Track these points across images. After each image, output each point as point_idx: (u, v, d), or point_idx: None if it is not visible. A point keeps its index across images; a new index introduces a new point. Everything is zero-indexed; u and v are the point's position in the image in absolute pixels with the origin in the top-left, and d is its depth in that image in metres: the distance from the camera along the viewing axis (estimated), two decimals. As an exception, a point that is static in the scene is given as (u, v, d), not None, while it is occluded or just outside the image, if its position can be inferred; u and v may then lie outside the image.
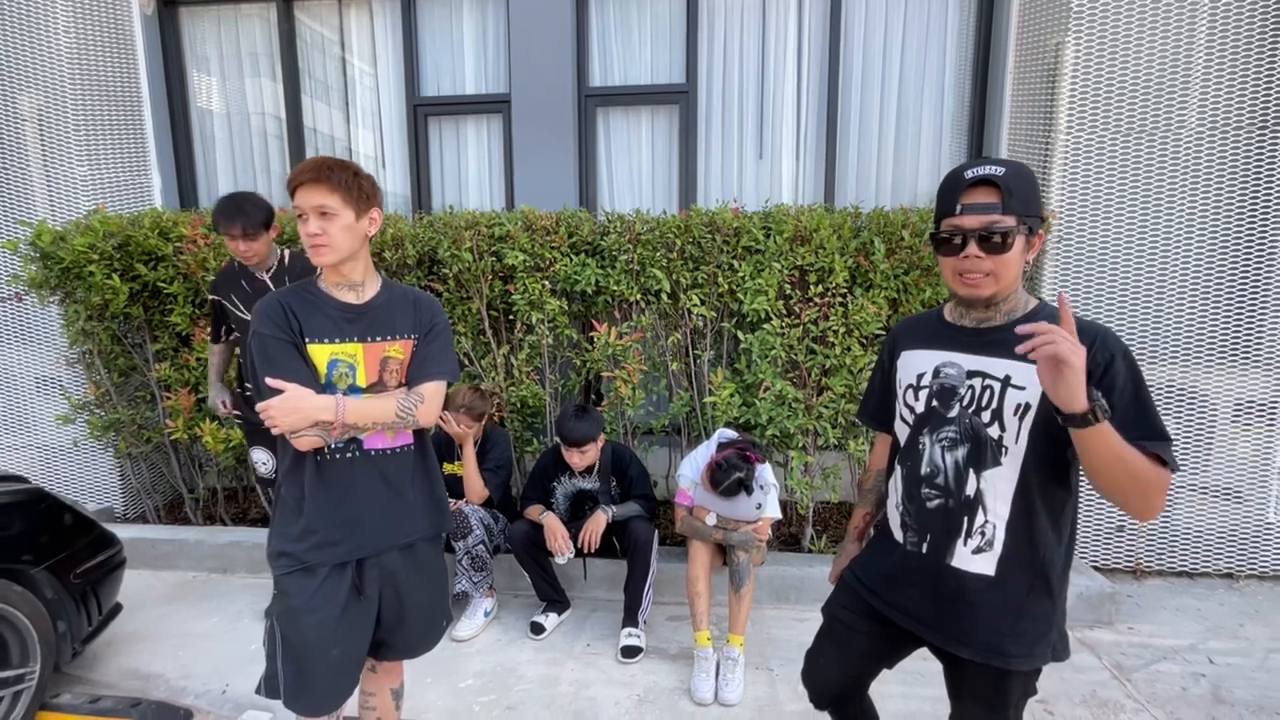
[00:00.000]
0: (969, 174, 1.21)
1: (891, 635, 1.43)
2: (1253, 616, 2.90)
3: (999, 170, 1.18)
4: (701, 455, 2.69)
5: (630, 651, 2.57)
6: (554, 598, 2.86)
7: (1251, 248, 3.03)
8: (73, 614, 2.24)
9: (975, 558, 1.27)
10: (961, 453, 1.27)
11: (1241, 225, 3.03)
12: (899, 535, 1.40)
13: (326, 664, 1.49)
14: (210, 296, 2.72)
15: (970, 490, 1.26)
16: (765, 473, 2.62)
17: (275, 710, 2.23)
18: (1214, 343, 3.09)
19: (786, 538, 3.35)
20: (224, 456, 3.21)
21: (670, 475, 3.44)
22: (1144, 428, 1.13)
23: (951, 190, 1.23)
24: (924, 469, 1.33)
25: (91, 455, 3.69)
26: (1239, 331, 3.07)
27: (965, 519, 1.27)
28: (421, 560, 1.63)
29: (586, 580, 3.02)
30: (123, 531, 3.01)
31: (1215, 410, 3.13)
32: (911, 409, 1.36)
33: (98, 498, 3.77)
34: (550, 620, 2.79)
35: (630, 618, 2.67)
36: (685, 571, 2.57)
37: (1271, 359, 3.06)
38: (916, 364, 1.37)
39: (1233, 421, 3.13)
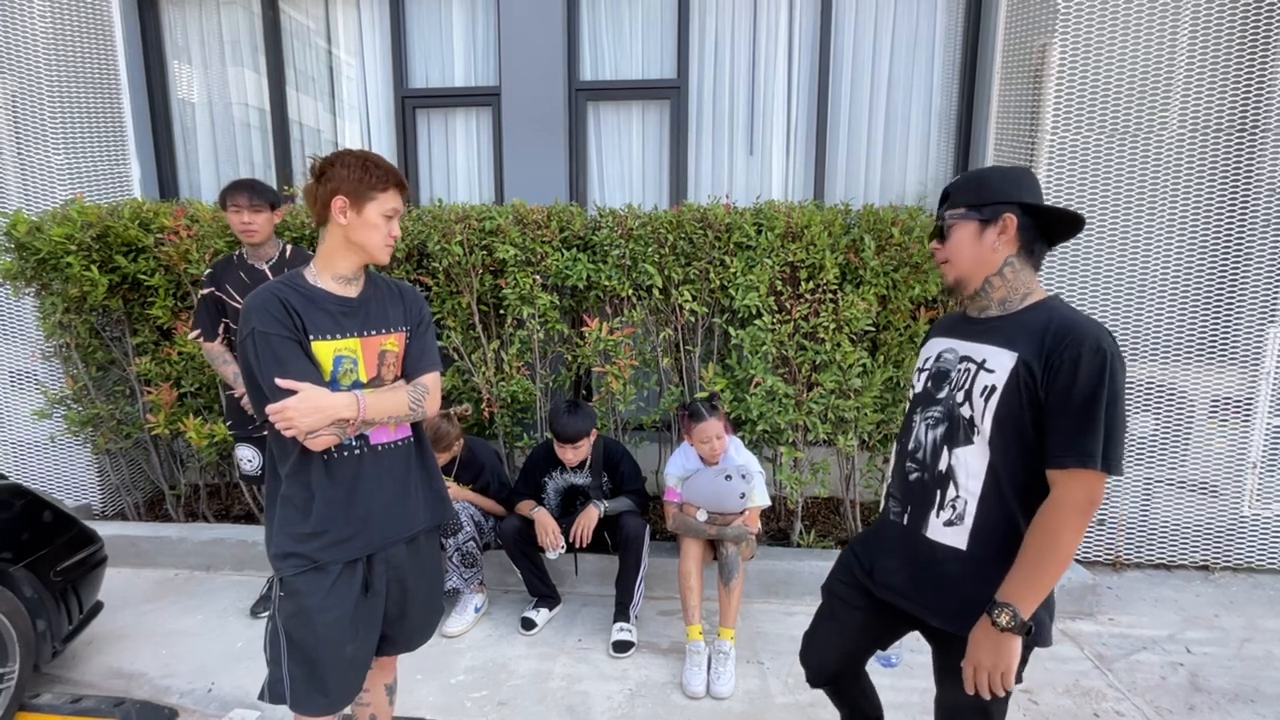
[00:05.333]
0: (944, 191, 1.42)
1: (885, 612, 1.48)
2: (1228, 607, 2.98)
3: (957, 179, 1.40)
4: (684, 453, 2.70)
5: (622, 646, 2.57)
6: (545, 593, 2.85)
7: (1230, 248, 3.11)
8: (53, 612, 2.19)
9: (947, 530, 1.33)
10: (940, 430, 1.36)
11: (1220, 226, 3.11)
12: (887, 506, 1.49)
13: (342, 662, 1.48)
14: (204, 291, 2.63)
15: (943, 465, 1.34)
16: (750, 462, 2.64)
17: (263, 709, 2.20)
18: (1192, 340, 3.16)
19: (775, 532, 3.38)
20: (207, 452, 3.15)
21: (661, 470, 3.44)
22: (1074, 450, 1.15)
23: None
24: (910, 445, 1.42)
25: (68, 451, 3.61)
26: (1216, 330, 3.15)
27: (938, 492, 1.34)
28: (422, 553, 1.63)
29: (577, 575, 3.02)
30: (102, 529, 2.96)
31: (1193, 406, 3.20)
32: (913, 389, 1.47)
33: (75, 494, 3.68)
34: (541, 616, 2.78)
35: (622, 612, 2.68)
36: (676, 566, 2.58)
37: (1247, 357, 3.14)
38: (929, 350, 1.48)
39: (1209, 417, 3.21)
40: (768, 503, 2.65)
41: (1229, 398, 3.17)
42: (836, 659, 1.60)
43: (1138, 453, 3.26)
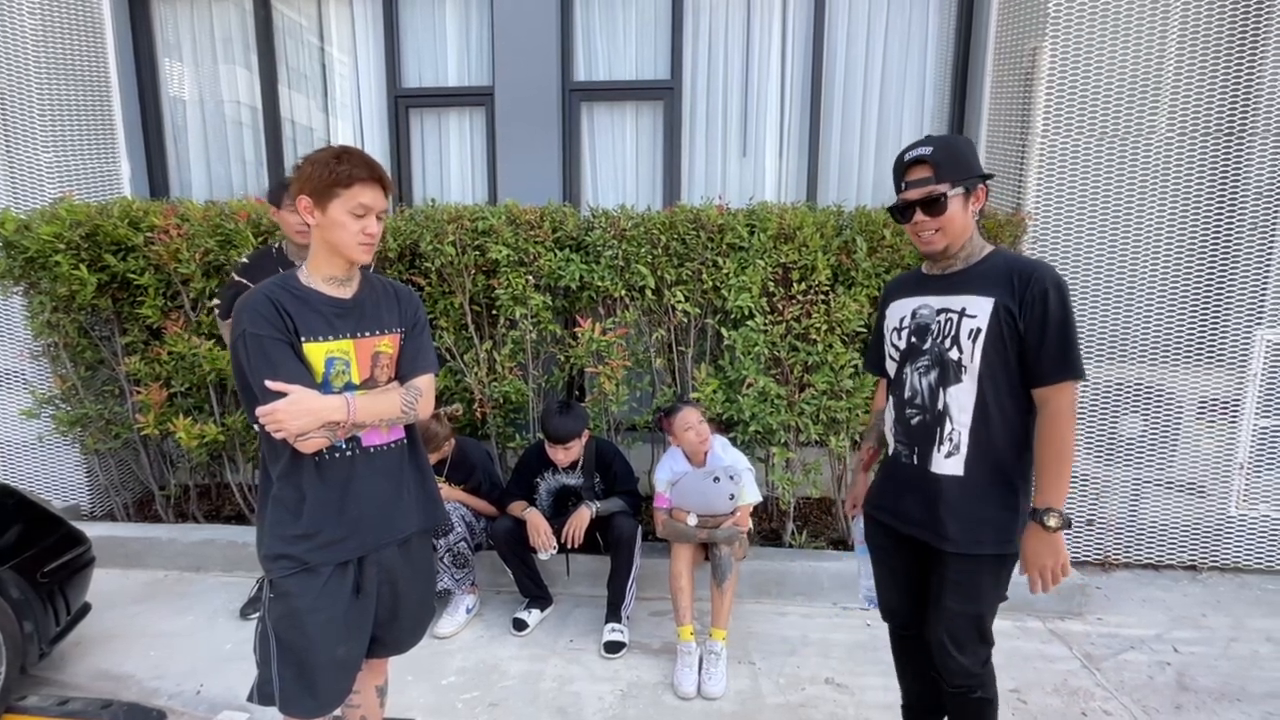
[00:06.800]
0: (906, 156, 1.51)
1: (911, 549, 1.64)
2: (1215, 607, 3.01)
3: (928, 150, 1.47)
4: (672, 457, 2.70)
5: (613, 647, 2.57)
6: (537, 594, 2.85)
7: (1217, 251, 3.14)
8: (40, 614, 2.17)
9: (947, 461, 1.52)
10: (933, 376, 1.54)
11: (1208, 229, 3.13)
12: (897, 451, 1.65)
13: (332, 664, 1.47)
14: (236, 277, 2.50)
15: (940, 405, 1.53)
16: (737, 461, 2.64)
17: (252, 711, 2.19)
18: (1180, 342, 3.19)
19: (768, 533, 3.39)
20: (197, 453, 3.13)
21: (653, 472, 3.44)
22: (1063, 367, 1.41)
23: (897, 172, 1.54)
24: (907, 393, 1.60)
25: (57, 451, 3.58)
26: (1204, 332, 3.17)
27: (938, 429, 1.54)
28: (414, 555, 1.62)
29: (569, 576, 3.01)
30: (90, 529, 2.92)
31: (1180, 408, 3.23)
32: (896, 347, 1.63)
33: (63, 495, 3.65)
34: (533, 616, 2.78)
35: (613, 613, 2.68)
36: (668, 567, 2.58)
37: (1234, 359, 3.16)
38: (899, 310, 1.64)
39: (1197, 419, 3.23)
40: (758, 499, 2.64)
41: (1216, 399, 3.20)
42: (900, 595, 1.75)
43: (1126, 453, 3.28)
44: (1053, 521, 1.40)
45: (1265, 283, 3.11)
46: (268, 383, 1.34)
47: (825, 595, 2.98)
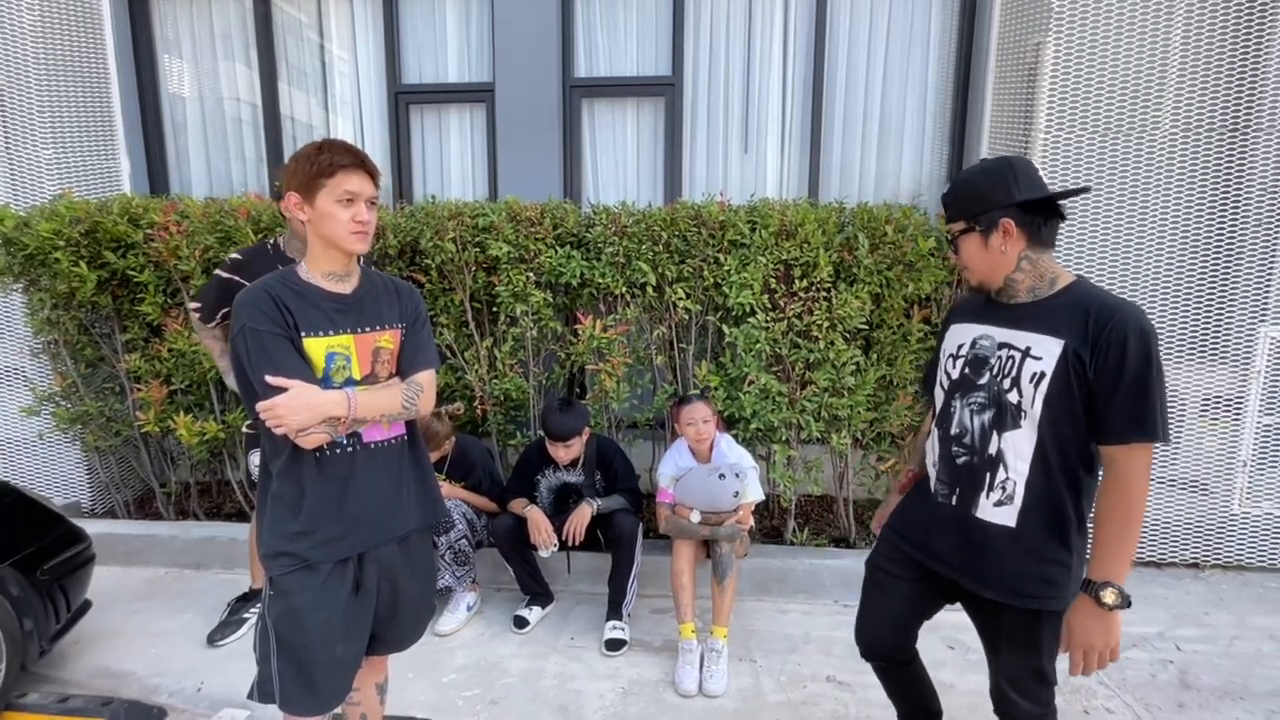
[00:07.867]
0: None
1: (928, 582, 1.56)
2: (1217, 605, 3.00)
3: (946, 189, 1.47)
4: (677, 452, 2.69)
5: (614, 644, 2.57)
6: (537, 591, 2.85)
7: (1221, 247, 3.12)
8: (40, 611, 2.17)
9: (996, 510, 1.39)
10: (988, 416, 1.40)
11: (1212, 225, 3.11)
12: (933, 488, 1.54)
13: (331, 662, 1.47)
14: (223, 274, 2.36)
15: (993, 449, 1.39)
16: (742, 458, 2.64)
17: (253, 708, 2.18)
18: (1184, 339, 3.17)
19: (769, 530, 3.38)
20: (198, 450, 3.13)
21: (654, 469, 3.44)
22: (1136, 426, 1.23)
23: None
24: (954, 429, 1.47)
25: (57, 448, 3.58)
26: (1208, 329, 3.16)
27: (988, 475, 1.40)
28: (414, 552, 1.62)
29: (570, 574, 3.01)
30: (91, 527, 2.92)
31: (1184, 405, 3.21)
32: (949, 375, 1.51)
33: (64, 492, 3.65)
34: (534, 614, 2.78)
35: (614, 610, 2.67)
36: (669, 564, 2.57)
37: (1238, 356, 3.15)
38: (959, 336, 1.51)
39: (1200, 416, 3.22)
40: (761, 497, 2.65)
41: (1220, 397, 3.19)
42: (889, 628, 1.67)
43: (1129, 451, 3.27)
44: (1110, 599, 1.23)
45: (1269, 279, 3.10)
46: (268, 378, 1.34)
47: (827, 593, 2.97)
